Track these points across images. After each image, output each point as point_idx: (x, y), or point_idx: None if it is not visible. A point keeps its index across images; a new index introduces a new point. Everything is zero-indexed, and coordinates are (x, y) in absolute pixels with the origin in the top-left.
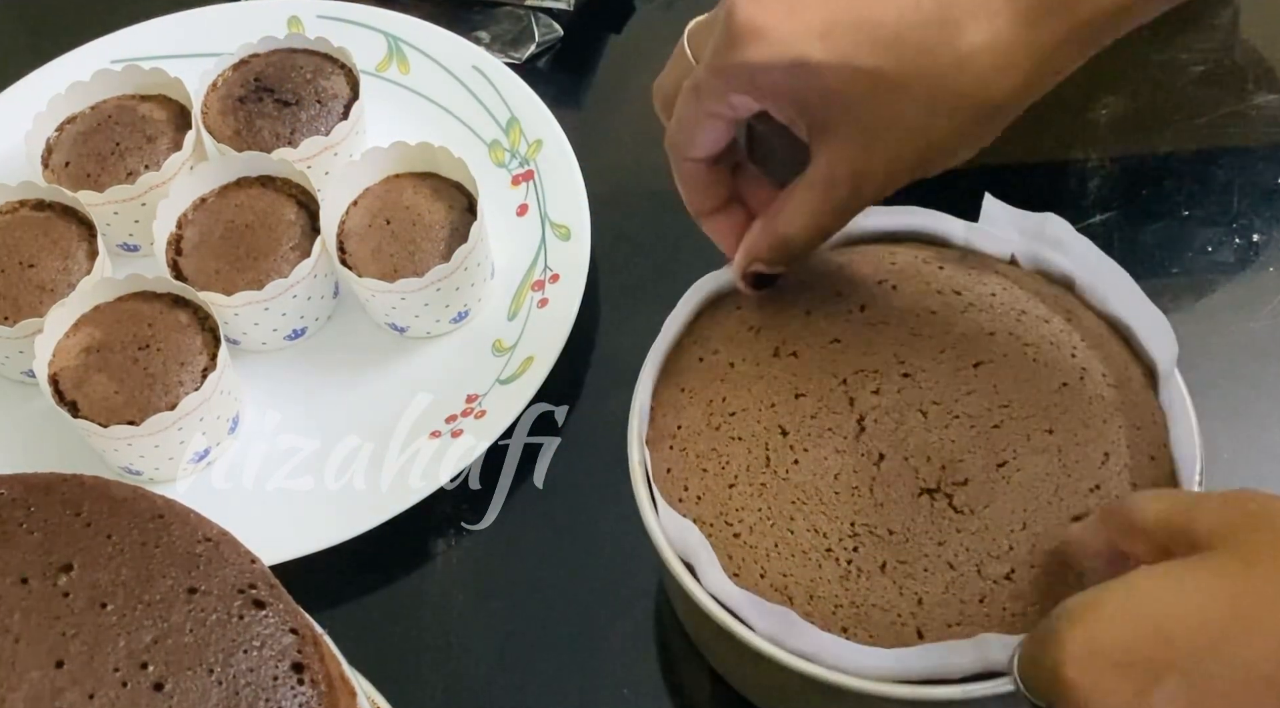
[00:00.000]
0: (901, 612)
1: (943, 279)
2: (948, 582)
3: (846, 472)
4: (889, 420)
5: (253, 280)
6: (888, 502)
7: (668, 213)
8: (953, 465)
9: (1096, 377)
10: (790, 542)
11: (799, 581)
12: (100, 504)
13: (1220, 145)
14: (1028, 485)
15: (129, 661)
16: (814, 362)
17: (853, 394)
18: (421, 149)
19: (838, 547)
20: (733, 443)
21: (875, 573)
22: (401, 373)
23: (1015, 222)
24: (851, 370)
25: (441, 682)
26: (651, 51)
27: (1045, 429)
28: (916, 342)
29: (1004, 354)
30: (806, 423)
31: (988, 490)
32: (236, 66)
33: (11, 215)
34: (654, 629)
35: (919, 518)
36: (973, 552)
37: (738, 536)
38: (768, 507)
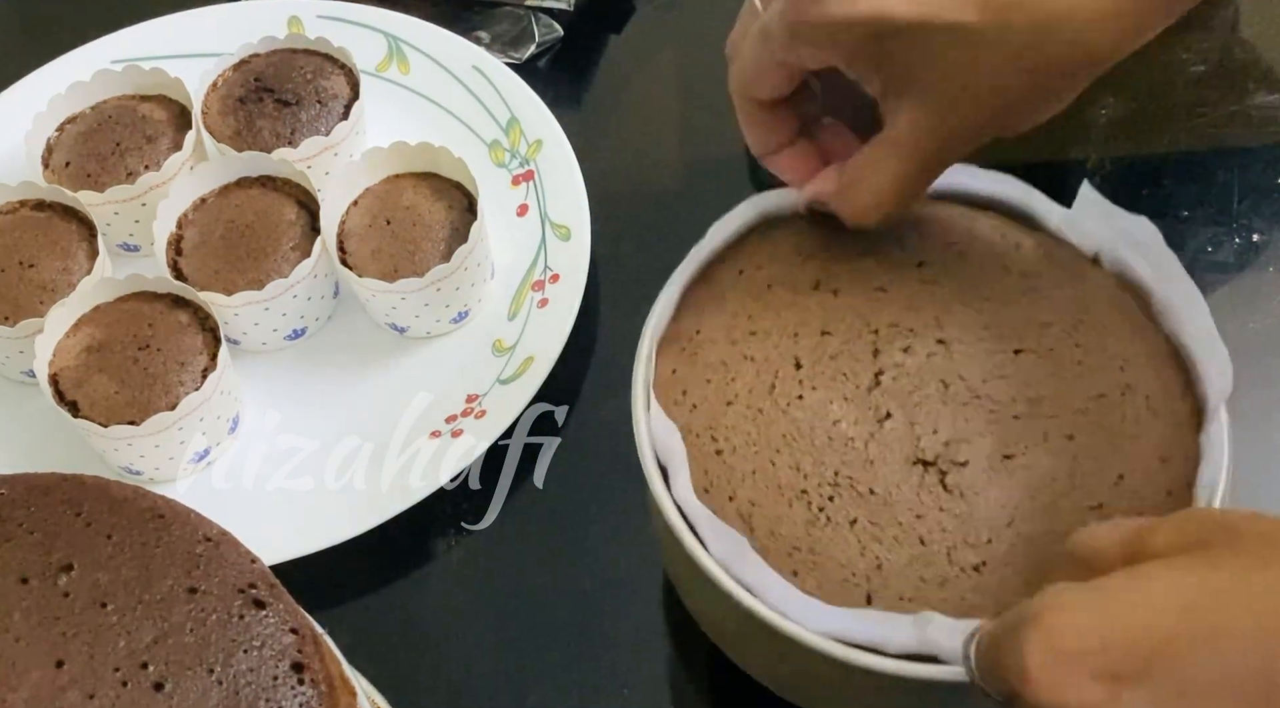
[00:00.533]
0: (856, 571)
1: (1014, 258)
2: (913, 556)
3: (847, 421)
4: (907, 382)
5: (253, 280)
6: (878, 461)
7: (668, 213)
8: (957, 444)
9: (1139, 397)
10: (768, 473)
11: (765, 513)
12: (100, 504)
13: (1220, 145)
14: (1028, 485)
15: (129, 661)
16: (851, 304)
17: (880, 346)
18: (421, 149)
19: (814, 491)
20: (744, 362)
21: (843, 526)
22: (401, 373)
23: (1107, 216)
24: (887, 322)
25: (441, 682)
26: (651, 51)
27: (1066, 434)
28: (963, 312)
29: (1050, 349)
30: (824, 362)
31: (985, 478)
32: (236, 66)
33: (11, 215)
34: (654, 628)
35: (904, 485)
36: (948, 534)
37: (719, 453)
38: (757, 433)
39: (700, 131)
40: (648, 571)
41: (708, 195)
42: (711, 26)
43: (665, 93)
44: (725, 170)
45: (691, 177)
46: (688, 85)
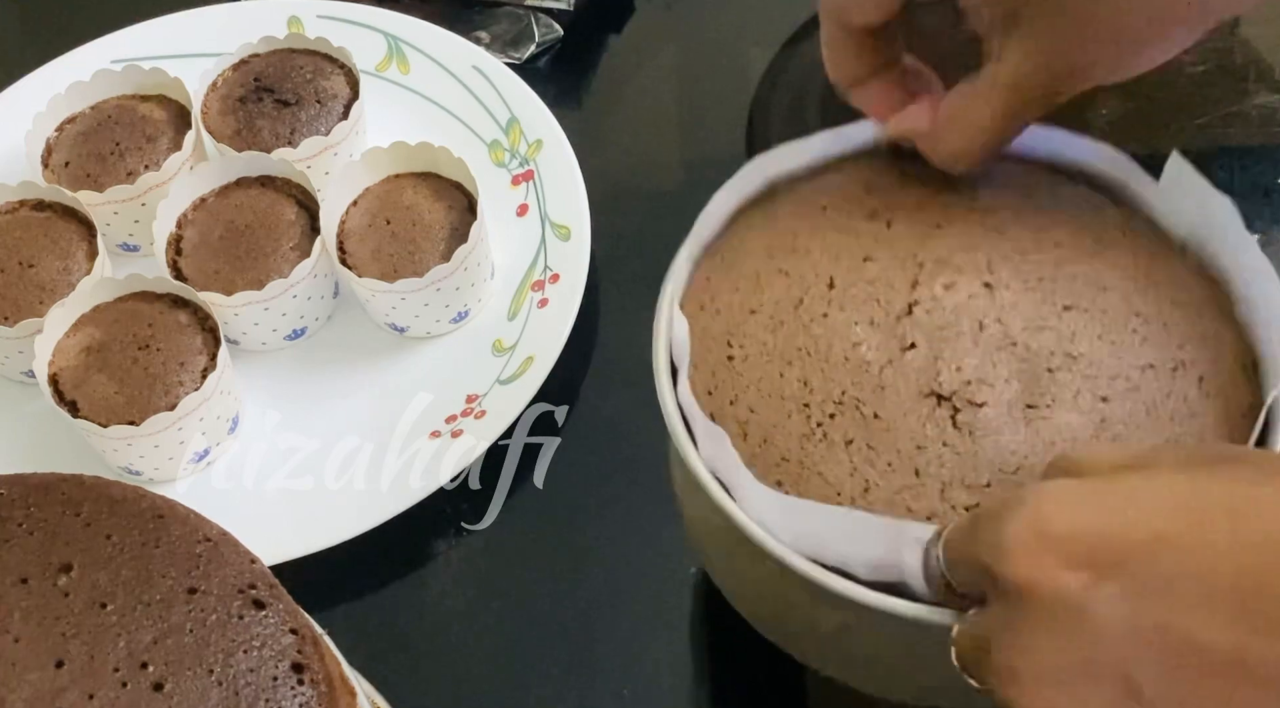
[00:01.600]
0: (842, 490)
1: (1092, 223)
2: (904, 486)
3: (868, 345)
4: (941, 316)
5: (253, 280)
6: (890, 388)
7: (668, 213)
8: (979, 385)
9: (1191, 375)
10: (774, 383)
11: (762, 421)
12: (100, 504)
13: (1220, 145)
14: (1046, 437)
15: (129, 661)
16: (902, 235)
17: (920, 279)
18: (421, 149)
19: (816, 406)
20: (777, 275)
21: (838, 445)
22: (401, 373)
23: (1192, 190)
24: (934, 257)
25: (441, 682)
26: (651, 51)
27: (1101, 396)
28: (1019, 260)
29: (1103, 310)
30: (858, 285)
31: (1000, 423)
32: (236, 66)
33: (11, 215)
34: (654, 629)
35: (912, 415)
36: (947, 469)
37: (730, 359)
38: (773, 343)
39: (700, 131)
40: (648, 570)
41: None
42: (711, 26)
43: (665, 93)
44: (725, 170)
45: (691, 177)
46: (688, 85)
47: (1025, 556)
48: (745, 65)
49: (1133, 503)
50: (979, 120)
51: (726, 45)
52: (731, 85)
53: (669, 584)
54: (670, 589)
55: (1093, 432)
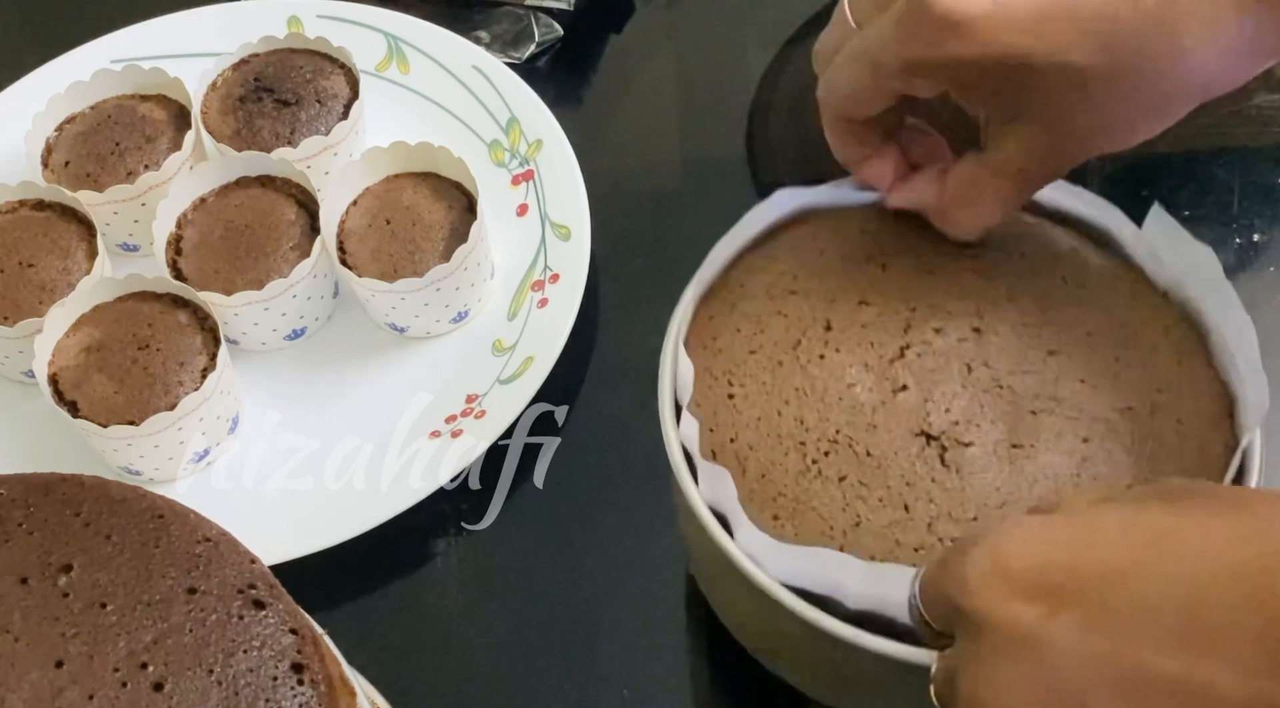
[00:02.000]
0: (835, 525)
1: (1077, 270)
2: (894, 520)
3: (862, 386)
4: (932, 360)
5: (253, 280)
6: (882, 427)
7: (668, 213)
8: (966, 425)
9: (1169, 417)
10: (772, 422)
11: (760, 458)
12: (100, 504)
13: (1220, 145)
14: (1029, 476)
15: (129, 661)
16: (896, 280)
17: (913, 323)
18: (421, 149)
19: (812, 444)
20: (776, 317)
21: (831, 481)
22: (401, 373)
23: (1172, 240)
24: (926, 302)
25: (441, 682)
26: (651, 51)
27: (1082, 437)
28: (1007, 307)
29: (1086, 354)
30: (854, 328)
31: (986, 462)
32: (236, 66)
33: (11, 215)
34: (654, 629)
35: (902, 453)
36: (935, 504)
37: (731, 397)
38: (771, 383)
39: (700, 131)
40: (648, 571)
41: (708, 195)
42: (711, 26)
43: (665, 93)
44: (725, 170)
45: (691, 177)
46: (688, 85)
47: (984, 589)
48: (745, 65)
49: (1086, 537)
50: (987, 203)
51: (726, 45)
52: (731, 85)
53: (669, 584)
54: (670, 589)
55: (1074, 471)
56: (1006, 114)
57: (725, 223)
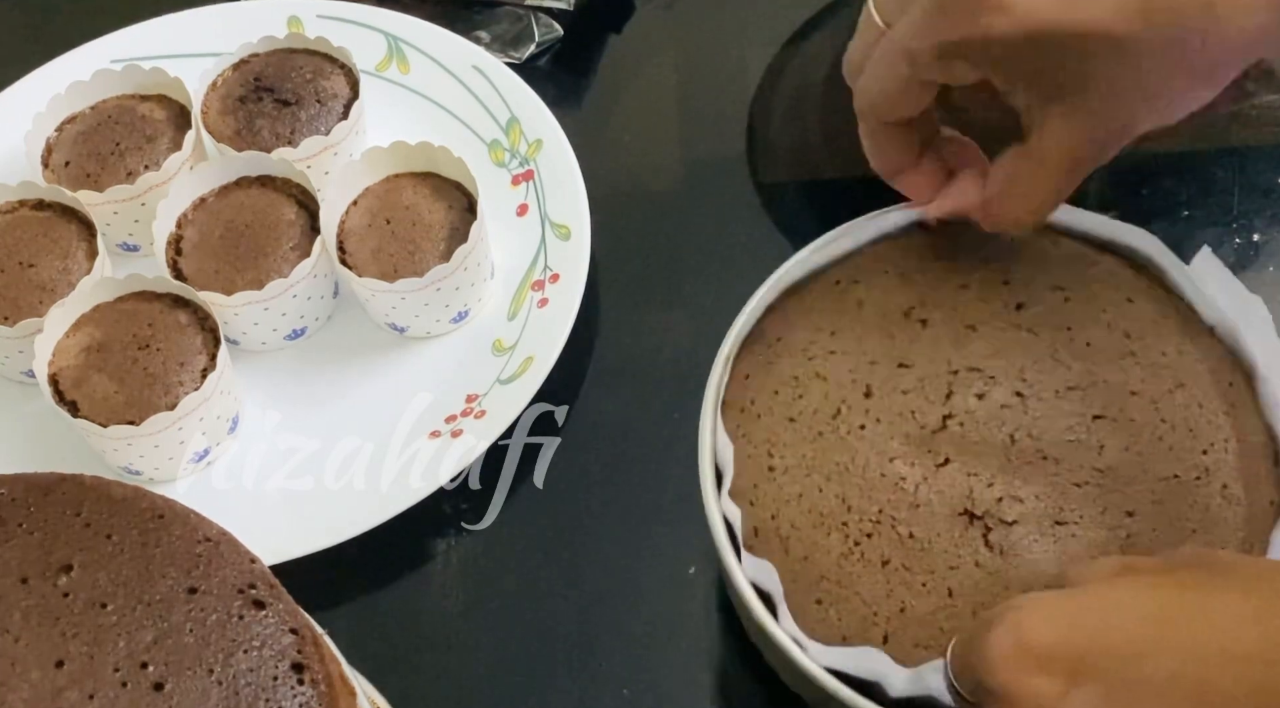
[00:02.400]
0: (879, 611)
1: (1122, 313)
2: (938, 606)
3: (904, 461)
4: (975, 430)
5: (253, 280)
6: (925, 506)
7: (668, 213)
8: (1010, 502)
9: (1215, 484)
10: (814, 500)
11: (802, 538)
12: (100, 504)
13: (1220, 145)
14: (1074, 554)
15: (129, 661)
16: (937, 338)
17: (955, 388)
18: (421, 149)
19: (855, 525)
20: (815, 380)
21: (875, 564)
22: (401, 373)
23: (1228, 289)
24: (968, 365)
25: (441, 682)
26: (651, 51)
27: (1127, 511)
28: (1051, 366)
29: (1131, 419)
30: (894, 395)
31: (1030, 542)
32: (236, 66)
33: (11, 215)
34: (654, 629)
35: (945, 535)
36: (981, 590)
37: (771, 470)
38: (813, 456)
39: (700, 131)
40: (648, 570)
41: (708, 195)
42: (711, 26)
43: (665, 93)
44: (725, 170)
45: (691, 177)
46: (688, 85)
47: (1005, 666)
48: (745, 65)
49: (1104, 613)
50: (1036, 190)
51: (726, 45)
52: (731, 85)
53: (669, 584)
54: (670, 589)
55: (1119, 548)
56: (1048, 94)
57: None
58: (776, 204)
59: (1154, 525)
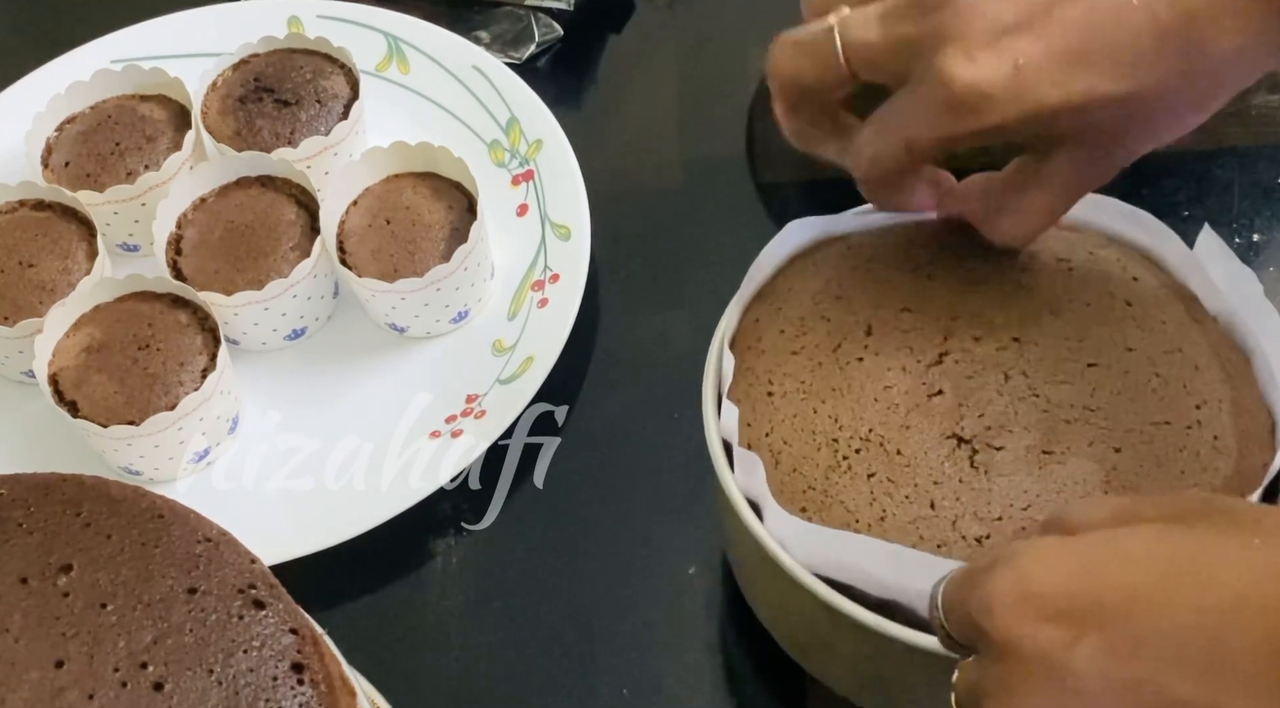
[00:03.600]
0: (861, 518)
1: (1125, 287)
2: (919, 516)
3: (898, 389)
4: (969, 367)
5: (253, 280)
6: (915, 429)
7: (668, 213)
8: (999, 430)
9: (1206, 434)
10: (807, 419)
11: (793, 452)
12: (100, 504)
13: (1220, 145)
14: (1058, 481)
15: (129, 661)
16: (940, 291)
17: (953, 331)
18: (421, 149)
19: (844, 441)
20: (820, 321)
21: (860, 477)
22: (401, 373)
23: (1223, 263)
24: (969, 312)
25: (441, 682)
26: (651, 51)
27: (1114, 446)
28: (1050, 320)
29: (1125, 370)
30: (894, 334)
31: (1015, 466)
32: (236, 66)
33: (11, 215)
34: (654, 629)
35: (932, 454)
36: (960, 503)
37: (770, 395)
38: (809, 383)
39: (700, 131)
40: (647, 570)
41: (708, 195)
42: (711, 26)
43: (665, 93)
44: (725, 170)
45: (691, 177)
46: (688, 85)
47: (1008, 614)
48: (745, 65)
49: (1110, 561)
50: (1034, 212)
51: (726, 45)
52: (731, 85)
53: (669, 584)
54: (670, 589)
55: (1103, 479)
56: (1052, 143)
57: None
58: (776, 204)
59: (1140, 462)
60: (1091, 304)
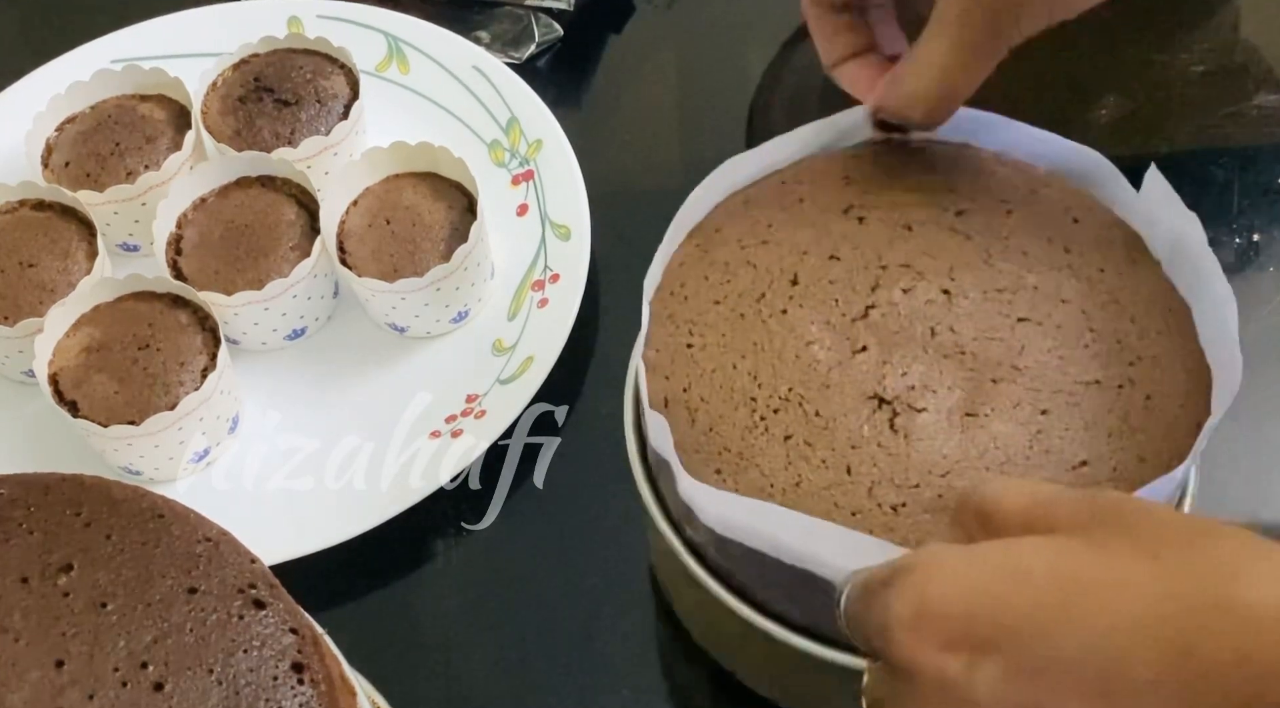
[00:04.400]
0: (776, 482)
1: (1063, 230)
2: (834, 481)
3: (821, 345)
4: (895, 321)
5: (253, 280)
6: (835, 388)
7: (668, 213)
8: (922, 390)
9: (1138, 394)
10: (727, 375)
11: (710, 411)
12: (100, 504)
13: (1220, 145)
14: (980, 445)
15: (129, 661)
16: (871, 235)
17: (881, 282)
18: (421, 149)
19: (763, 400)
20: (745, 267)
21: (777, 439)
22: (401, 373)
23: (1168, 208)
24: (898, 261)
25: (441, 682)
26: (651, 51)
27: (1041, 408)
28: (982, 270)
29: (1058, 325)
30: (820, 284)
31: (936, 429)
32: (236, 66)
33: (11, 215)
34: (654, 629)
35: (852, 415)
36: (878, 468)
37: (690, 347)
38: (730, 336)
39: (700, 131)
40: (648, 570)
41: None
42: (711, 26)
43: (665, 93)
44: None
45: (691, 177)
46: (688, 85)
47: (906, 637)
48: (745, 65)
49: (1010, 580)
50: (932, 59)
51: (726, 45)
52: (731, 85)
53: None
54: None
55: (1027, 442)
56: None
57: None
58: None
59: (1066, 425)
60: (1028, 252)
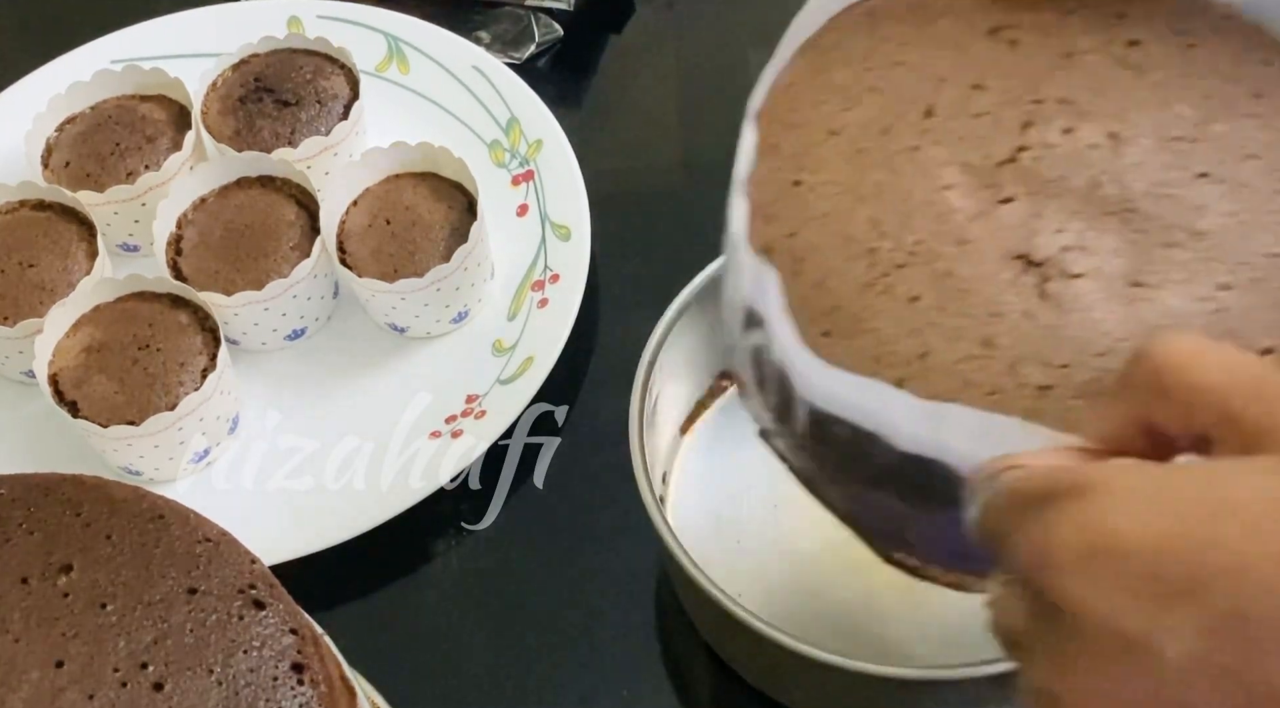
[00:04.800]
0: (897, 351)
1: (1253, 72)
2: (969, 355)
3: (958, 191)
4: (1051, 168)
5: (253, 280)
6: (974, 244)
7: (668, 213)
8: (1079, 253)
9: None
10: (841, 220)
11: (820, 261)
12: (100, 504)
13: None
14: (1145, 321)
15: (129, 661)
16: (1025, 62)
17: (1036, 119)
18: (421, 149)
19: (885, 254)
20: (868, 93)
21: (901, 300)
22: (401, 373)
23: None
24: (1057, 95)
25: (441, 682)
26: (651, 51)
27: (1220, 283)
28: (1158, 113)
29: (1243, 184)
30: (960, 119)
31: (1095, 299)
32: (236, 66)
33: (11, 215)
34: (654, 629)
35: (993, 277)
36: (1022, 343)
37: (798, 183)
38: (849, 173)
39: (700, 131)
40: (648, 570)
41: (708, 195)
42: (711, 26)
43: (665, 93)
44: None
45: (691, 177)
46: (688, 85)
47: (1078, 574)
48: (745, 65)
49: (1213, 515)
50: None
51: (726, 45)
52: (731, 85)
53: (669, 584)
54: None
55: (1204, 322)
56: None
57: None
58: None
59: (1251, 304)
60: (1212, 96)
